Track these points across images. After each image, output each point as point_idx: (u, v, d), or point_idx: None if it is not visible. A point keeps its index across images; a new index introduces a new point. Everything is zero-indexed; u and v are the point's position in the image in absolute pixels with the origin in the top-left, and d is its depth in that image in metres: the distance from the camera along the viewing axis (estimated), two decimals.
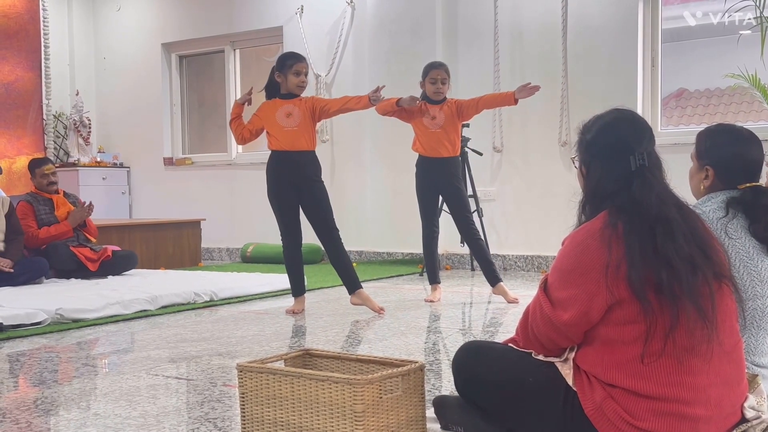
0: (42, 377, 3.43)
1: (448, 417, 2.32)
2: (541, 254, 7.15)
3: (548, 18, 7.10)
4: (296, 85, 4.89)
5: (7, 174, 8.57)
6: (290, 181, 4.89)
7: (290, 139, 4.88)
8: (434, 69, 5.35)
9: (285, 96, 4.93)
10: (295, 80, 4.88)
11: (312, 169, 4.95)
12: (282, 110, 4.90)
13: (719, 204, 2.39)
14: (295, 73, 4.87)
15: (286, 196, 4.91)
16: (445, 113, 5.31)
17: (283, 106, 4.91)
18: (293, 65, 4.87)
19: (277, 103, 4.94)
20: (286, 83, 4.90)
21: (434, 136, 5.30)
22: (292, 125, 4.89)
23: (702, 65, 8.00)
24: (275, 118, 4.90)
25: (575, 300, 1.95)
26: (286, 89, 4.92)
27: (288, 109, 4.90)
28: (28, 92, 8.98)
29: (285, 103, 4.92)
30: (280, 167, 4.89)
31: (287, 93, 4.92)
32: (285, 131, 4.88)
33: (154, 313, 5.07)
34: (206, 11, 9.04)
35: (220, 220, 8.88)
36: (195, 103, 9.64)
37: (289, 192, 4.90)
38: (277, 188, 4.91)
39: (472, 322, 4.74)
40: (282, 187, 4.90)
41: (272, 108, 4.93)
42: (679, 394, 1.88)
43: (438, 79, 5.30)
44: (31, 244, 6.27)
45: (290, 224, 5.00)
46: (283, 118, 4.89)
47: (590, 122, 2.14)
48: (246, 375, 2.27)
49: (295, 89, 4.91)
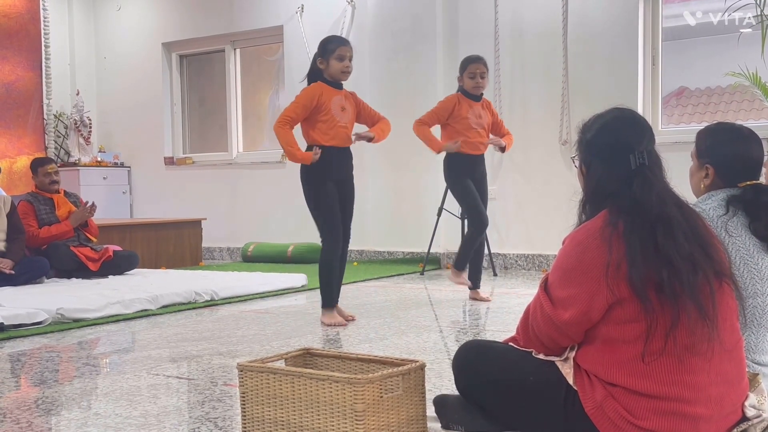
0: (43, 377, 3.43)
1: (449, 416, 2.32)
2: (542, 253, 7.15)
3: (549, 17, 7.10)
4: (341, 71, 4.49)
5: (7, 174, 8.57)
6: (335, 178, 4.54)
7: (343, 136, 4.53)
8: (473, 63, 5.22)
9: (332, 84, 4.54)
10: (339, 65, 4.48)
11: (351, 166, 4.66)
12: (336, 102, 4.51)
13: (719, 202, 2.39)
14: (339, 58, 4.47)
15: (334, 195, 4.54)
16: (485, 113, 5.28)
17: (336, 97, 4.51)
18: (336, 49, 4.48)
19: (331, 92, 4.51)
20: (329, 69, 4.49)
21: (476, 133, 5.23)
22: (345, 121, 4.53)
23: (702, 64, 8.00)
24: (331, 109, 4.48)
25: (576, 299, 1.95)
26: (330, 76, 4.51)
27: (341, 102, 4.53)
28: (29, 92, 8.98)
29: (337, 93, 4.53)
30: (328, 165, 4.48)
31: (333, 81, 4.53)
32: (339, 127, 4.50)
33: (155, 312, 5.08)
34: (206, 11, 9.04)
35: (221, 220, 8.88)
36: (195, 103, 9.64)
37: (334, 190, 4.54)
38: (325, 187, 4.50)
39: (473, 321, 4.74)
40: (329, 185, 4.51)
41: (327, 96, 4.49)
42: (679, 393, 1.88)
43: (477, 73, 5.19)
44: (31, 244, 6.27)
45: (339, 225, 4.58)
46: (338, 111, 4.51)
47: (590, 121, 2.14)
48: (247, 374, 2.27)
49: (339, 75, 4.51)
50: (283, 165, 8.53)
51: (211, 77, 9.47)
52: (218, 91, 9.34)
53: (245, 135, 9.23)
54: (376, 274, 6.86)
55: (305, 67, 8.26)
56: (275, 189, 8.57)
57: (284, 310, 5.19)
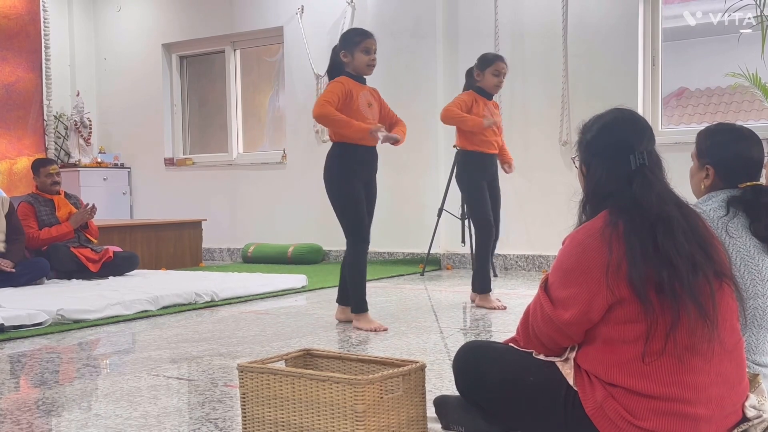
0: (43, 378, 3.43)
1: (449, 417, 2.32)
2: (542, 254, 7.15)
3: (549, 17, 7.10)
4: (366, 65, 4.31)
5: (8, 175, 8.57)
6: (363, 178, 4.37)
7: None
8: (500, 61, 5.10)
9: (356, 78, 4.35)
10: (365, 59, 4.30)
11: (376, 167, 4.50)
12: (363, 97, 4.33)
13: (720, 203, 2.39)
14: (364, 51, 4.30)
15: (362, 195, 4.36)
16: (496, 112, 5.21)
17: (362, 92, 4.34)
18: (362, 41, 4.29)
19: (358, 87, 4.34)
20: (354, 62, 4.31)
21: (491, 131, 5.13)
22: (372, 117, 4.35)
23: (702, 64, 8.00)
24: (359, 105, 4.29)
25: (576, 299, 1.95)
26: (354, 70, 4.33)
27: (367, 98, 4.35)
28: (29, 93, 8.98)
29: (363, 89, 4.36)
30: (356, 163, 4.33)
31: (356, 75, 4.35)
32: (368, 123, 4.31)
33: (155, 313, 5.08)
34: (206, 12, 9.04)
35: (221, 221, 8.89)
36: (196, 104, 9.64)
37: (362, 191, 4.36)
38: (355, 187, 4.32)
39: (473, 322, 4.74)
40: (357, 185, 4.34)
41: (355, 90, 4.30)
42: (680, 394, 1.87)
43: (502, 72, 5.09)
44: (31, 245, 6.27)
45: (367, 227, 4.40)
46: (365, 107, 4.33)
47: (591, 122, 2.14)
48: (247, 375, 2.27)
49: (364, 69, 4.33)
50: (284, 166, 8.54)
51: (211, 78, 9.48)
52: (218, 92, 9.34)
53: (245, 136, 9.23)
54: (376, 275, 6.85)
55: (306, 68, 8.39)
56: (275, 190, 8.57)
57: (284, 311, 5.19)
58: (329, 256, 8.26)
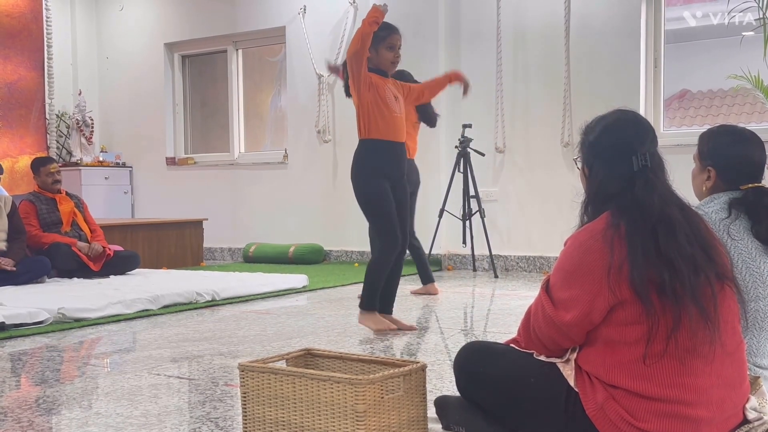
0: (44, 376, 3.43)
1: (450, 417, 2.32)
2: (544, 255, 7.15)
3: (551, 19, 7.10)
4: (390, 62, 4.16)
5: (9, 173, 8.57)
6: (390, 175, 4.14)
7: (398, 127, 4.13)
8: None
9: (379, 72, 4.16)
10: (389, 55, 4.14)
11: (405, 165, 4.24)
12: (389, 90, 4.15)
13: (722, 205, 2.39)
14: (389, 47, 4.14)
15: (387, 192, 4.12)
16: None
17: (387, 85, 4.15)
18: (387, 37, 4.14)
19: (381, 80, 4.14)
20: (378, 58, 4.14)
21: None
22: (399, 111, 4.15)
23: (704, 66, 8.00)
24: (386, 98, 4.10)
25: (577, 300, 1.95)
26: (377, 66, 4.15)
27: (393, 90, 4.16)
28: (31, 92, 8.99)
29: (387, 82, 4.17)
30: (386, 160, 4.12)
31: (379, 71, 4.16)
32: (395, 117, 4.11)
33: (156, 312, 5.08)
34: (209, 11, 9.05)
35: (223, 220, 8.89)
36: (197, 103, 9.64)
37: (387, 188, 4.13)
38: (377, 183, 4.10)
39: (474, 323, 4.74)
40: (382, 183, 4.11)
41: (381, 84, 4.12)
42: (680, 396, 1.87)
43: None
44: (32, 244, 6.27)
45: (398, 227, 4.14)
46: (392, 101, 4.13)
47: (593, 123, 2.14)
48: (248, 374, 2.27)
49: (388, 66, 4.17)
50: (285, 166, 8.54)
51: (213, 78, 9.48)
52: (220, 92, 9.34)
53: (247, 135, 9.24)
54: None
55: (308, 68, 8.39)
56: (277, 190, 8.57)
57: (285, 310, 5.20)
58: (330, 257, 8.26)
